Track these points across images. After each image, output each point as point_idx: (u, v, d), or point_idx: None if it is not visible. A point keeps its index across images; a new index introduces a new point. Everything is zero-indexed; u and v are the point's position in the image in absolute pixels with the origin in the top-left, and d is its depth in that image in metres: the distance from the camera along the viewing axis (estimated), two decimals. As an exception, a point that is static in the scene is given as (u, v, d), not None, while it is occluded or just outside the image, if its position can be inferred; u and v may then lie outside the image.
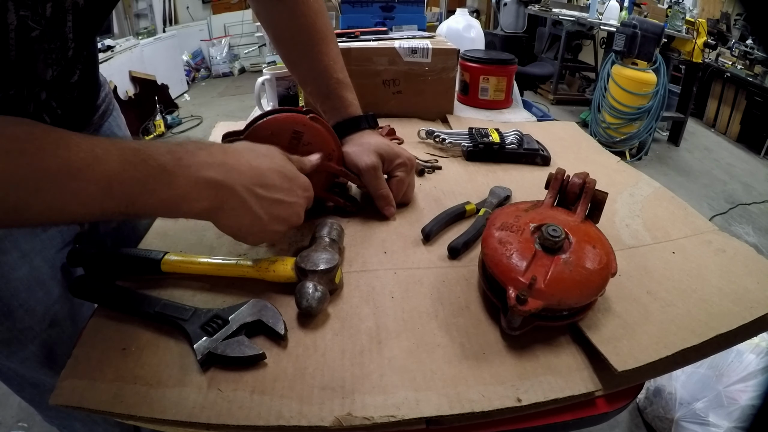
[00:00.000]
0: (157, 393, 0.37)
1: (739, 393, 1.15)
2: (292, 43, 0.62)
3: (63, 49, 0.43)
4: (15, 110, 0.42)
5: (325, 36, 0.62)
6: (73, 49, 0.45)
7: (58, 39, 0.42)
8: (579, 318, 0.43)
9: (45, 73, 0.43)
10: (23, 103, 0.43)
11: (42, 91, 0.45)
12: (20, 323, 0.52)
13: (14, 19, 0.35)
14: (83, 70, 0.50)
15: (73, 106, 0.52)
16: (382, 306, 0.46)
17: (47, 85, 0.45)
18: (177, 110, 3.96)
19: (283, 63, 0.68)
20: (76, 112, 0.54)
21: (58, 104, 0.48)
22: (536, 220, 0.45)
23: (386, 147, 0.60)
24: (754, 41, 3.34)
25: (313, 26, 0.61)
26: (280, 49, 0.65)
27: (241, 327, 0.41)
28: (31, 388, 0.59)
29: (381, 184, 0.59)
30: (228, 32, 5.35)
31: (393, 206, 0.60)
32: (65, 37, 0.42)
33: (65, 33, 0.42)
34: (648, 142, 3.14)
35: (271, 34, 0.65)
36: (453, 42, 0.96)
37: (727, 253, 0.53)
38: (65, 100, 0.49)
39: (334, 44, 0.63)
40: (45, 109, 0.46)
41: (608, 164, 0.77)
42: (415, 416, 0.35)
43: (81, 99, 0.54)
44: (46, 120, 0.47)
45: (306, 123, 0.55)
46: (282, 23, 0.62)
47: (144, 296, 0.45)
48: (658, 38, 2.81)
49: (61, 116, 0.49)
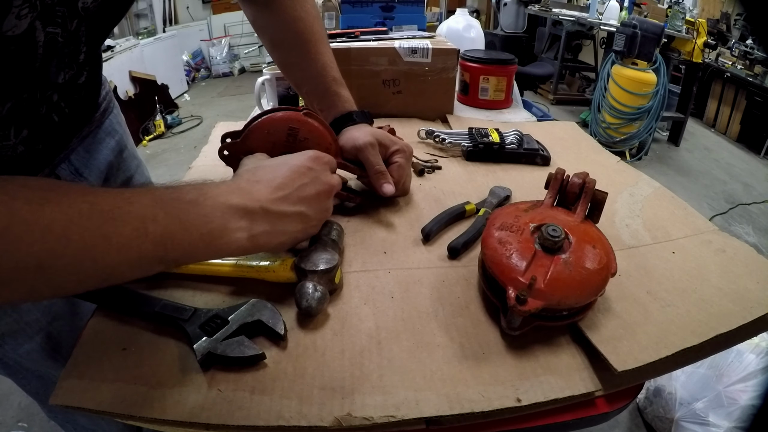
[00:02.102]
0: (157, 393, 0.37)
1: (739, 393, 1.15)
2: (289, 45, 0.63)
3: (75, 53, 0.44)
4: (28, 113, 0.42)
5: (321, 38, 0.64)
6: (84, 53, 0.45)
7: (72, 44, 0.42)
8: (579, 318, 0.43)
9: (57, 77, 0.43)
10: (36, 105, 0.43)
11: (54, 94, 0.45)
12: (27, 315, 0.53)
13: (42, 36, 0.35)
14: (89, 71, 0.51)
15: (79, 105, 0.53)
16: (382, 306, 0.46)
17: (59, 88, 0.45)
18: (177, 110, 3.96)
19: (279, 68, 0.69)
20: (82, 111, 0.55)
21: (66, 104, 0.48)
22: (536, 220, 0.45)
23: (383, 134, 0.61)
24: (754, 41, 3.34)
25: (309, 29, 0.63)
26: (277, 54, 0.67)
27: (241, 327, 0.41)
28: (36, 381, 0.60)
29: (378, 160, 0.59)
30: (228, 32, 5.35)
31: (391, 183, 0.59)
32: (78, 41, 0.43)
33: (79, 38, 0.42)
34: (648, 142, 3.14)
35: (268, 40, 0.66)
36: (453, 42, 0.96)
37: (727, 253, 0.53)
38: (73, 100, 0.50)
39: (329, 46, 0.65)
40: (55, 110, 0.47)
41: (608, 164, 0.77)
42: (414, 416, 0.35)
43: (87, 98, 0.55)
44: (55, 119, 0.47)
45: (300, 119, 0.55)
46: (278, 27, 0.63)
47: (144, 296, 0.45)
48: (658, 38, 2.82)
49: (68, 115, 0.50)
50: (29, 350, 0.55)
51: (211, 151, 0.75)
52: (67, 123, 0.40)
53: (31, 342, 0.54)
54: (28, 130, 0.43)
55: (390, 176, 0.59)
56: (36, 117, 0.44)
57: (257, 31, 0.66)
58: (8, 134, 0.41)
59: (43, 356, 0.56)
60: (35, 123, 0.44)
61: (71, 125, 0.53)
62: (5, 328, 0.52)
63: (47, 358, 0.56)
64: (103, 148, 0.62)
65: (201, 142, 0.90)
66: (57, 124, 0.48)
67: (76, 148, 0.56)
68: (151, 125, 3.53)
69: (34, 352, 0.55)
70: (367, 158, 0.58)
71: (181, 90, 4.59)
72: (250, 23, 0.66)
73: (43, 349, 0.55)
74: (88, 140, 0.59)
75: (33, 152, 0.46)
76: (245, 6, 0.65)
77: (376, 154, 0.59)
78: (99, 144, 0.61)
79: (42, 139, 0.47)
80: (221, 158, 0.56)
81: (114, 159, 0.64)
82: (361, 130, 0.60)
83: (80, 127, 0.56)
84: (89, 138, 0.59)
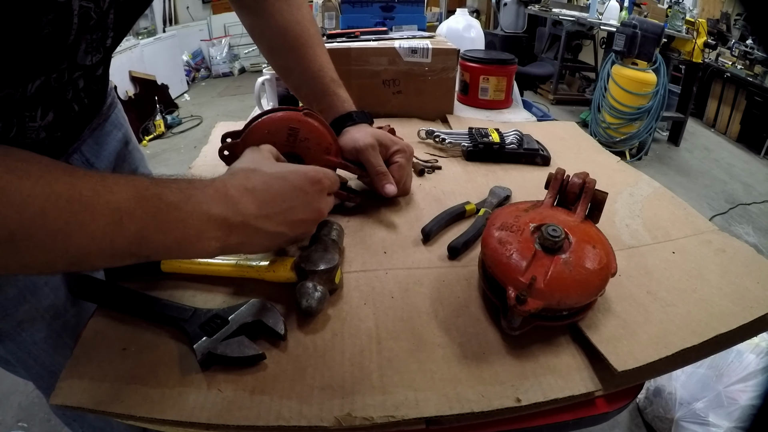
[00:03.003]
0: (157, 393, 0.37)
1: (739, 393, 1.15)
2: (285, 50, 0.64)
3: (103, 38, 0.45)
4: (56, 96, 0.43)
5: (317, 41, 0.64)
6: (111, 38, 0.46)
7: (101, 28, 0.43)
8: (579, 318, 0.43)
9: (86, 59, 0.44)
10: (63, 88, 0.44)
11: (80, 78, 0.46)
12: (45, 300, 0.53)
13: (77, 7, 0.36)
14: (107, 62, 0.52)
15: (95, 96, 0.54)
16: (382, 306, 0.46)
17: (86, 71, 0.46)
18: (177, 110, 3.96)
19: (277, 72, 0.70)
20: (96, 102, 0.57)
21: (86, 94, 0.50)
22: (536, 220, 0.45)
23: (383, 134, 0.61)
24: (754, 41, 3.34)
25: (305, 32, 0.63)
26: (274, 59, 0.67)
27: (241, 327, 0.41)
28: (49, 378, 0.59)
29: (379, 161, 0.59)
30: (228, 32, 5.34)
31: (393, 183, 0.59)
32: (107, 26, 0.43)
33: (107, 24, 0.43)
34: (648, 142, 3.14)
35: (264, 45, 0.66)
36: (453, 42, 0.96)
37: (727, 253, 0.53)
38: (91, 90, 0.51)
39: (325, 48, 0.66)
40: (76, 99, 0.48)
41: (608, 164, 0.77)
42: (414, 416, 0.35)
43: (100, 90, 0.57)
44: (75, 109, 0.48)
45: (300, 119, 0.55)
46: (274, 32, 0.64)
47: (144, 296, 0.45)
48: (658, 38, 2.82)
49: (86, 105, 0.51)
50: (45, 338, 0.55)
51: (211, 151, 0.75)
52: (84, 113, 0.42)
53: (48, 329, 0.54)
54: (54, 114, 0.44)
55: (391, 176, 0.59)
56: (62, 102, 0.45)
57: (253, 37, 0.67)
58: (35, 115, 0.42)
59: (59, 346, 0.56)
60: (60, 108, 0.45)
61: (86, 115, 0.55)
62: (23, 315, 0.52)
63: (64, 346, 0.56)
64: (111, 139, 0.63)
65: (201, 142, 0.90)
66: (77, 113, 0.49)
67: (86, 139, 0.57)
68: (151, 125, 3.53)
69: (50, 339, 0.55)
70: (368, 159, 0.58)
71: (181, 90, 4.59)
72: (246, 30, 0.67)
73: (58, 336, 0.55)
74: (97, 132, 0.60)
75: (52, 140, 0.47)
76: (240, 13, 0.66)
77: (376, 155, 0.59)
78: (107, 136, 0.63)
79: (62, 126, 0.48)
80: (221, 158, 0.56)
81: (121, 150, 0.66)
82: (361, 130, 0.60)
83: (92, 119, 0.58)
84: (98, 130, 0.60)
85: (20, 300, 0.51)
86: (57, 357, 0.57)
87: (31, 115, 0.41)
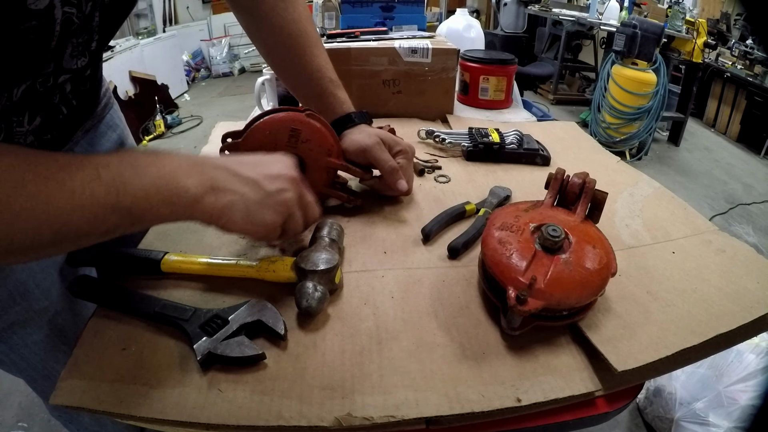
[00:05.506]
0: (157, 393, 0.37)
1: (739, 393, 1.15)
2: (283, 50, 0.63)
3: (88, 41, 0.45)
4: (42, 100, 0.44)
5: (315, 40, 0.64)
6: (96, 41, 0.46)
7: (86, 31, 0.43)
8: (579, 318, 0.43)
9: (71, 63, 0.44)
10: (50, 92, 0.44)
11: (67, 82, 0.46)
12: (36, 304, 0.53)
13: (60, 15, 0.36)
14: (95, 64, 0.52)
15: (85, 98, 0.54)
16: (382, 306, 0.46)
17: (72, 75, 0.46)
18: (177, 110, 3.96)
19: (275, 72, 0.69)
20: (86, 104, 0.57)
21: (74, 96, 0.50)
22: (536, 220, 0.45)
23: (385, 134, 0.61)
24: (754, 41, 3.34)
25: (305, 31, 0.63)
26: (271, 59, 0.67)
27: (241, 327, 0.41)
28: (42, 380, 0.60)
29: (389, 157, 0.59)
30: (228, 32, 5.34)
31: (404, 179, 0.59)
32: (92, 30, 0.44)
33: (92, 27, 0.44)
34: (648, 142, 3.14)
35: (262, 46, 0.66)
36: (453, 42, 0.96)
37: (727, 253, 0.53)
38: (80, 92, 0.51)
39: (323, 48, 0.65)
40: (65, 102, 0.48)
41: (608, 164, 0.77)
42: (414, 416, 0.35)
43: (91, 91, 0.56)
44: (64, 111, 0.49)
45: (303, 120, 0.55)
46: (271, 32, 0.63)
47: (144, 296, 0.45)
48: (658, 38, 2.81)
49: (75, 108, 0.51)
50: (37, 341, 0.55)
51: (212, 151, 0.75)
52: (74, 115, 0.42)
53: (39, 332, 0.54)
54: (41, 118, 0.44)
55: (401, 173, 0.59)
56: (49, 105, 0.45)
57: (251, 37, 0.66)
58: (22, 120, 0.42)
59: (51, 349, 0.56)
60: (47, 112, 0.45)
61: (77, 118, 0.54)
62: (14, 317, 0.52)
63: (55, 349, 0.56)
64: (105, 141, 0.63)
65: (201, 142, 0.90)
66: (65, 116, 0.49)
67: (79, 141, 0.57)
68: (151, 125, 3.53)
69: (42, 343, 0.55)
70: (378, 156, 0.58)
71: (181, 90, 4.59)
72: (244, 30, 0.66)
73: (51, 341, 0.55)
74: (91, 133, 0.60)
75: (42, 143, 0.47)
76: (238, 13, 0.65)
77: (385, 152, 0.59)
78: (101, 137, 0.62)
79: (51, 129, 0.48)
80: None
81: None
82: (363, 132, 0.60)
83: (84, 120, 0.58)
84: (92, 131, 0.60)
85: (10, 302, 0.51)
86: (49, 361, 0.57)
87: (18, 120, 0.41)
